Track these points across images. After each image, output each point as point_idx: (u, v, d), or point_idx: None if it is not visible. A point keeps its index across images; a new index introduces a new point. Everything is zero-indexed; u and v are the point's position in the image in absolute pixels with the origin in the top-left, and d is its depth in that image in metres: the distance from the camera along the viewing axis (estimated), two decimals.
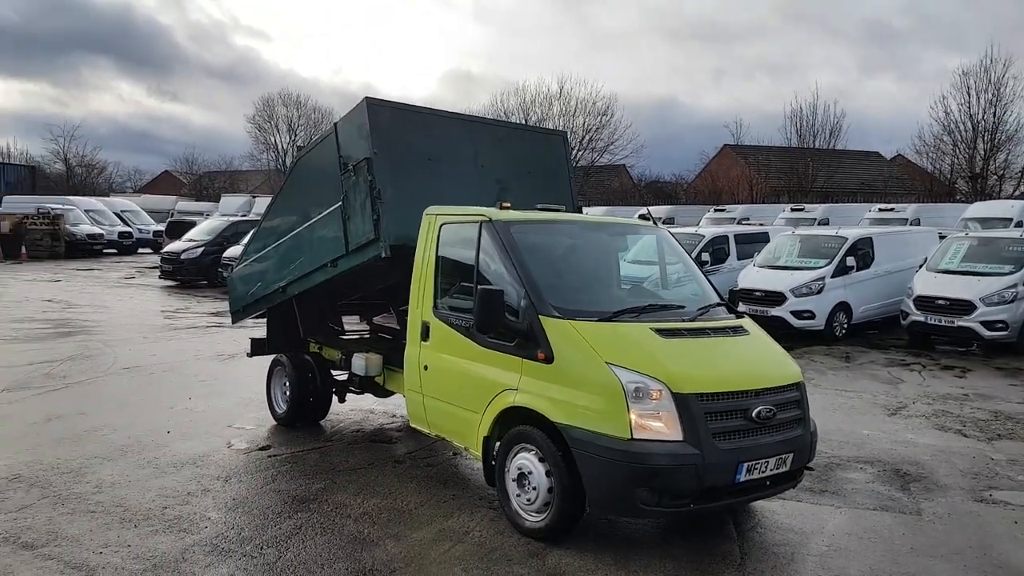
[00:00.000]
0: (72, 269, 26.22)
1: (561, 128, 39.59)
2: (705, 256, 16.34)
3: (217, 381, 9.86)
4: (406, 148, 6.62)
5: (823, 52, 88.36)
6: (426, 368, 5.96)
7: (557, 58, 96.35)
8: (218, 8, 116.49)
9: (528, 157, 7.69)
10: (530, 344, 5.07)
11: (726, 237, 17.46)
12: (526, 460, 5.06)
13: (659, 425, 4.62)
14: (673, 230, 15.92)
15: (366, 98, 6.51)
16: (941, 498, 6.12)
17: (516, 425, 5.17)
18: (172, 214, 38.88)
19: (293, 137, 57.80)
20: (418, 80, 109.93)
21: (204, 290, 21.26)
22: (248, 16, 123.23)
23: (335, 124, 7.04)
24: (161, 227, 33.52)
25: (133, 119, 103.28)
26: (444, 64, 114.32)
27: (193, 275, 22.23)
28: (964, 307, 12.79)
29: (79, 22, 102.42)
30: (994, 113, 34.27)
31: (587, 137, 45.09)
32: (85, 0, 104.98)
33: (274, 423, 7.87)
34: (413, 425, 6.35)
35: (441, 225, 5.97)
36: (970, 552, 5.11)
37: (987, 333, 12.63)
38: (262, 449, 7.05)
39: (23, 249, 29.91)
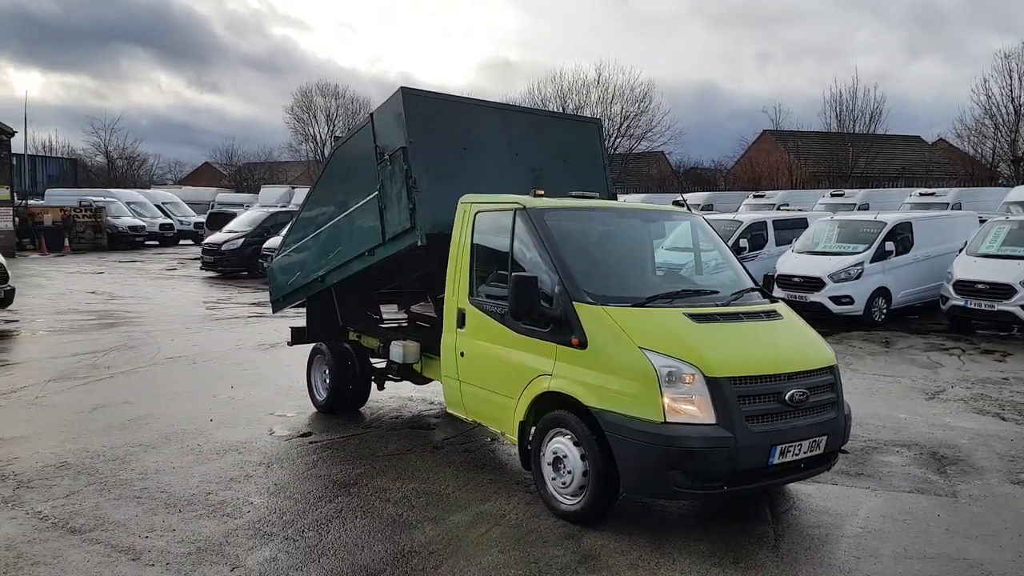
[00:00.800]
0: (114, 261, 26.84)
1: (598, 115, 39.47)
2: (743, 242, 16.20)
3: (258, 370, 10.08)
4: (441, 137, 6.69)
5: (868, 35, 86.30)
6: (462, 355, 6.05)
7: (596, 44, 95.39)
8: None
9: (562, 145, 7.72)
10: (564, 330, 5.13)
11: (764, 223, 17.30)
12: (561, 444, 5.14)
13: (692, 408, 4.66)
14: (711, 216, 15.87)
15: (401, 88, 6.60)
16: (977, 481, 6.07)
17: (551, 410, 5.25)
18: (212, 205, 39.46)
19: (331, 127, 58.14)
20: (456, 69, 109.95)
21: (245, 281, 21.60)
22: (285, 5, 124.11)
23: (371, 114, 7.14)
24: (202, 219, 34.11)
25: (172, 110, 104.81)
26: (482, 52, 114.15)
27: (234, 266, 22.53)
28: (1004, 291, 12.55)
29: (117, 13, 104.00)
30: None
31: (625, 124, 44.75)
32: None
33: (314, 410, 8.03)
34: (450, 411, 6.46)
35: (476, 213, 6.04)
36: (1005, 533, 5.09)
37: None
38: (303, 436, 7.21)
39: (66, 242, 30.66)
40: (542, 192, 5.89)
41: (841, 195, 26.27)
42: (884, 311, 14.30)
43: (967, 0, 79.10)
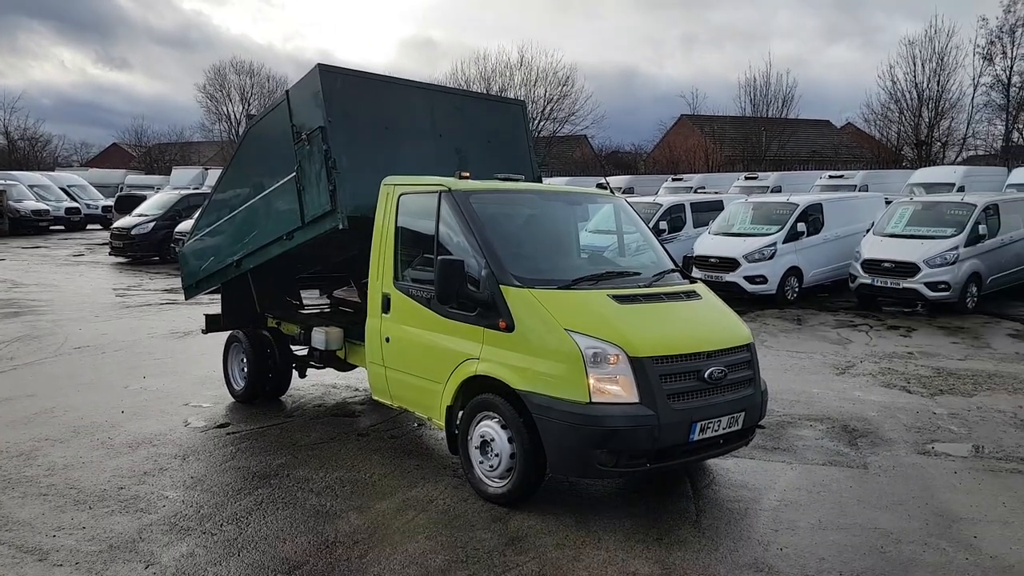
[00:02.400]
0: (17, 247, 25.45)
1: (522, 97, 39.39)
2: (663, 224, 16.57)
3: (172, 359, 9.73)
4: (362, 116, 6.54)
5: (789, 17, 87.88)
6: (388, 340, 5.96)
7: (522, 23, 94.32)
8: None
9: (487, 126, 7.66)
10: (491, 313, 5.11)
11: (683, 206, 17.72)
12: (489, 428, 5.13)
13: (616, 388, 4.72)
14: (632, 199, 16.11)
15: (319, 64, 6.40)
16: (886, 452, 6.36)
17: (478, 394, 5.23)
18: (121, 188, 37.90)
19: (246, 107, 56.24)
20: (377, 47, 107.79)
21: (156, 266, 20.86)
22: None
23: (287, 91, 6.90)
24: (110, 202, 32.67)
25: (77, 89, 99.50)
26: (404, 30, 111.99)
27: (144, 251, 21.78)
28: (909, 269, 13.20)
29: None
30: (938, 82, 35.06)
31: (548, 107, 44.96)
32: None
33: (232, 400, 7.80)
34: (376, 398, 6.37)
35: (400, 195, 5.94)
36: (912, 502, 5.35)
37: (930, 294, 13.07)
38: (220, 427, 7.00)
39: None
40: (467, 174, 5.82)
41: (755, 178, 27.09)
42: (796, 290, 14.84)
43: None
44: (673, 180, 30.08)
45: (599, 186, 6.85)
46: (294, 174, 6.60)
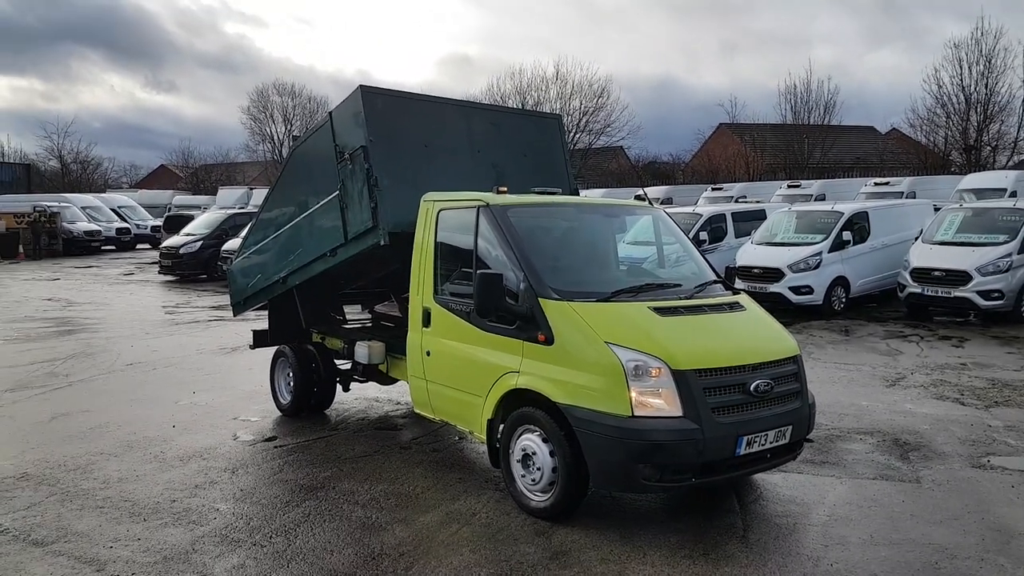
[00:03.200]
0: (70, 267, 26.23)
1: (557, 111, 39.55)
2: (703, 235, 16.38)
3: (221, 374, 9.92)
4: (402, 135, 6.64)
5: (830, 22, 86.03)
6: (428, 354, 6.01)
7: (556, 39, 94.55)
8: None
9: (523, 141, 7.71)
10: (530, 326, 5.12)
11: (723, 216, 17.51)
12: (530, 441, 5.13)
13: (659, 402, 4.68)
14: (671, 210, 16.01)
15: (360, 86, 6.54)
16: (940, 465, 6.20)
17: (519, 407, 5.24)
18: (169, 208, 38.80)
19: (289, 127, 57.51)
20: (414, 66, 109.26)
21: (204, 284, 21.29)
22: (239, 1, 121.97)
23: (330, 113, 7.06)
24: (159, 222, 33.54)
25: (126, 112, 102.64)
26: (441, 49, 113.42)
27: (192, 269, 22.22)
28: (960, 278, 12.86)
29: (64, 13, 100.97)
30: (986, 84, 34.16)
31: (584, 119, 45.02)
32: None
33: (279, 414, 7.93)
34: (417, 411, 6.41)
35: (439, 211, 6.00)
36: (968, 517, 5.20)
37: (983, 303, 12.71)
38: (268, 440, 7.11)
39: (20, 249, 29.89)
40: (504, 189, 5.86)
41: (798, 186, 26.70)
42: (843, 300, 14.57)
43: None
44: (713, 189, 29.83)
45: (637, 197, 6.84)
46: (337, 192, 6.73)
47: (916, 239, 14.45)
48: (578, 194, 8.10)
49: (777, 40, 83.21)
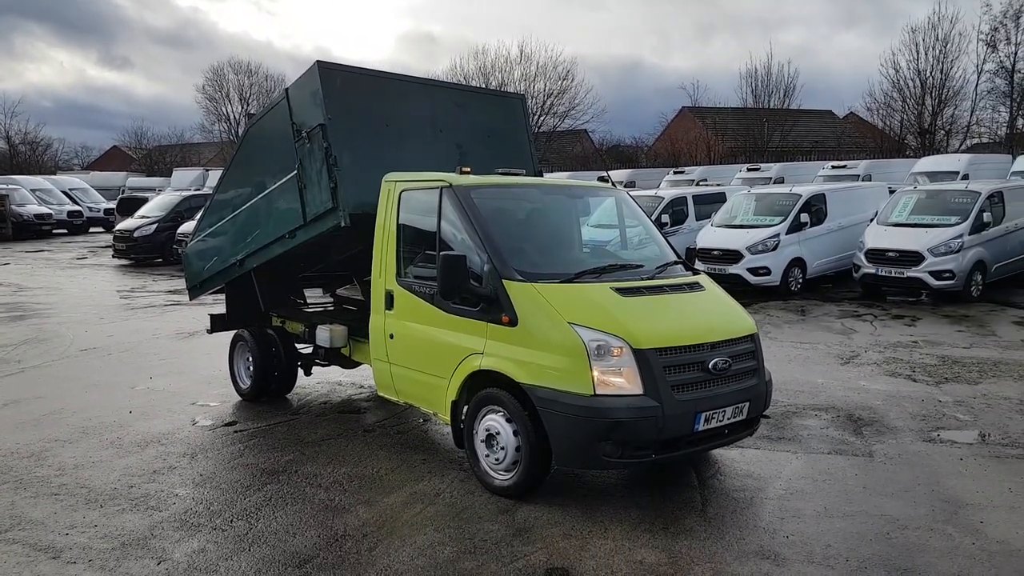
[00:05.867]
0: (21, 251, 25.53)
1: (522, 92, 39.38)
2: (665, 218, 16.58)
3: (178, 359, 9.77)
4: (362, 113, 6.55)
5: (811, 4, 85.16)
6: (392, 337, 5.99)
7: (523, 17, 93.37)
8: None
9: (487, 121, 7.67)
10: (494, 308, 5.13)
11: (685, 198, 17.69)
12: (494, 421, 5.16)
13: (620, 380, 4.74)
14: (634, 193, 16.10)
15: (318, 62, 6.41)
16: (892, 440, 6.37)
17: (483, 388, 5.26)
18: (123, 191, 37.86)
19: (245, 106, 56.04)
20: (375, 43, 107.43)
21: (160, 268, 20.92)
22: None
23: (286, 90, 6.91)
24: (112, 204, 32.70)
25: (76, 91, 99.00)
26: (402, 25, 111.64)
27: (147, 253, 21.85)
28: (913, 258, 13.18)
29: None
30: (941, 69, 34.86)
31: (548, 102, 44.84)
32: None
33: (239, 399, 7.84)
34: (381, 394, 6.40)
35: (401, 192, 5.96)
36: (919, 489, 5.36)
37: (935, 283, 13.05)
38: (228, 425, 7.03)
39: None
40: (468, 169, 5.83)
41: (757, 169, 27.05)
42: (800, 280, 14.83)
43: None
44: (675, 173, 30.05)
45: (600, 179, 6.86)
46: (295, 172, 6.62)
47: (871, 221, 14.75)
48: (542, 176, 8.09)
49: (753, 20, 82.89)
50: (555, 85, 44.87)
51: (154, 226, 21.92)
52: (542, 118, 43.99)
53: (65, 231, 33.56)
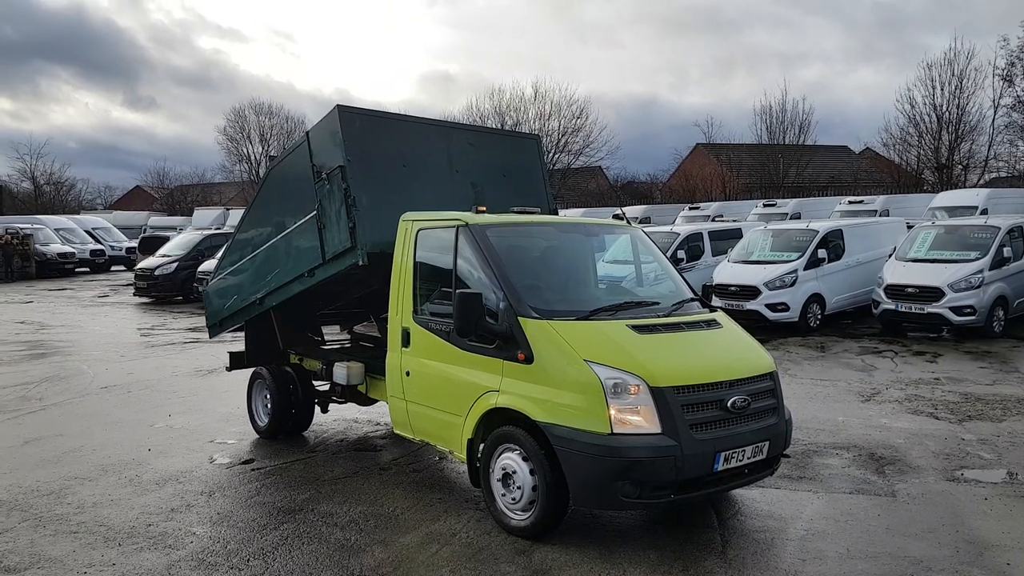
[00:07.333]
0: (44, 289, 25.89)
1: (536, 131, 39.83)
2: (681, 254, 16.57)
3: (197, 397, 9.82)
4: (380, 155, 6.66)
5: (825, 40, 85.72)
6: (408, 374, 6.00)
7: (540, 55, 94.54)
8: (182, 8, 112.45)
9: (502, 160, 7.76)
10: (510, 346, 5.14)
11: (701, 234, 17.71)
12: (510, 460, 5.13)
13: (638, 419, 4.71)
14: (649, 229, 16.15)
15: (337, 105, 6.56)
16: (915, 479, 6.27)
17: (499, 426, 5.24)
18: (144, 230, 38.50)
19: (266, 147, 57.08)
20: (395, 84, 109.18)
21: (180, 306, 21.09)
22: (214, 13, 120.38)
23: (307, 132, 7.07)
24: (134, 243, 33.18)
25: (100, 132, 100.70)
26: (421, 66, 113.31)
27: (168, 291, 22.04)
28: (933, 294, 13.06)
29: (29, 27, 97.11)
30: (958, 104, 34.88)
31: (563, 139, 45.28)
32: (31, 2, 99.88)
33: (256, 436, 7.85)
34: (397, 431, 6.39)
35: (418, 231, 6.02)
36: (943, 529, 5.26)
37: (956, 318, 12.91)
38: (245, 463, 7.04)
39: None
40: (484, 208, 5.90)
41: (773, 205, 27.06)
42: (819, 317, 14.72)
43: (929, 2, 75.91)
44: (690, 209, 30.13)
45: (615, 216, 6.90)
46: (315, 213, 6.72)
47: (890, 256, 14.67)
48: (557, 213, 8.16)
49: (771, 55, 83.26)
50: (569, 123, 45.37)
51: (175, 264, 22.15)
52: (556, 155, 44.39)
53: (88, 269, 34.05)
